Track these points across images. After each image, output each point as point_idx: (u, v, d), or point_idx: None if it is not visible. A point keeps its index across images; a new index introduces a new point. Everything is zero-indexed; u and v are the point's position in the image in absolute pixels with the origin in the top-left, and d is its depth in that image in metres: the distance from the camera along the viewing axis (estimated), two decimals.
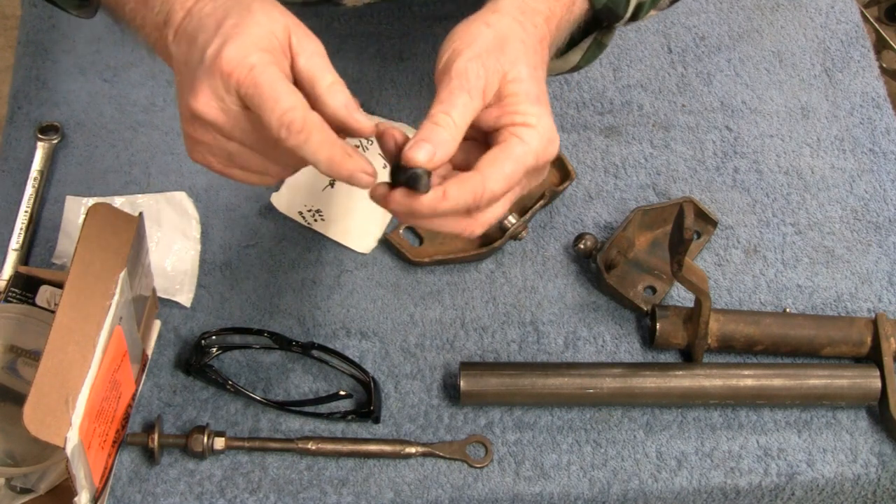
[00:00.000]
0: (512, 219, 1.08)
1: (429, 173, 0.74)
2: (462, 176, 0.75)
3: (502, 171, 0.76)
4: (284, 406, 1.00)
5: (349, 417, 1.00)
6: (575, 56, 0.96)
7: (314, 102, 0.75)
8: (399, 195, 0.74)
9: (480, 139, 0.80)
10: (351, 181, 0.74)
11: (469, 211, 0.76)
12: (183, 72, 0.76)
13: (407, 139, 0.76)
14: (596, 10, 0.89)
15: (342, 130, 0.76)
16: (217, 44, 0.73)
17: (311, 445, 0.98)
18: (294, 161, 0.76)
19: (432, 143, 0.73)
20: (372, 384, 1.00)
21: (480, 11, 0.82)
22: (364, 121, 0.76)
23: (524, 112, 0.77)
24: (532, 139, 0.77)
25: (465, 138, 0.77)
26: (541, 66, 0.82)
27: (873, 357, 1.05)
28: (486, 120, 0.78)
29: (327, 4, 1.14)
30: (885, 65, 2.13)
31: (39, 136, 1.15)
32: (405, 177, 0.74)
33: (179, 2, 0.78)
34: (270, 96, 0.72)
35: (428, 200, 0.74)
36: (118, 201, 1.10)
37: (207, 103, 0.73)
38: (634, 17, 0.95)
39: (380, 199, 0.76)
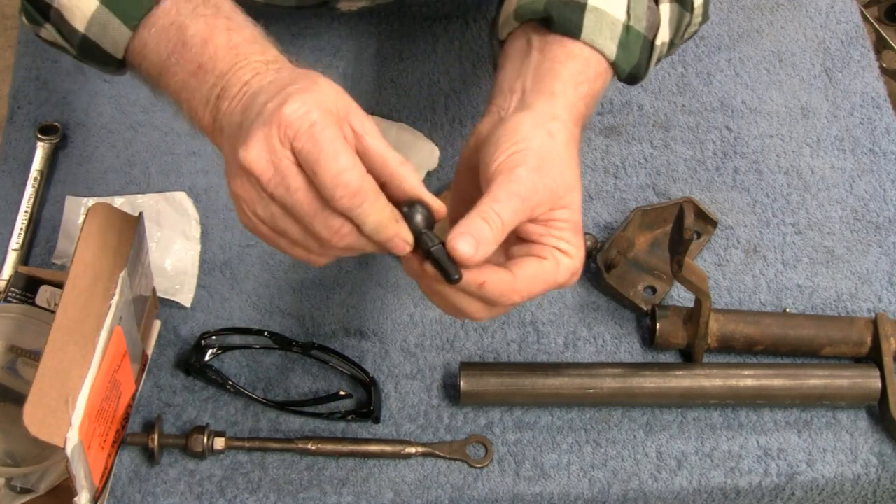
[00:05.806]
0: None
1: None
2: (500, 273, 0.77)
3: (531, 288, 0.78)
4: (284, 406, 1.00)
5: (349, 417, 1.00)
6: None
7: (385, 180, 0.74)
8: (433, 282, 0.77)
9: (512, 236, 0.80)
10: (388, 244, 0.74)
11: (486, 301, 0.78)
12: (236, 135, 0.74)
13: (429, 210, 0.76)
14: (620, 79, 0.90)
15: None
16: (279, 100, 0.71)
17: (311, 445, 0.98)
18: (329, 234, 0.73)
19: (475, 239, 0.74)
20: (372, 384, 1.00)
21: (539, 112, 0.82)
22: (435, 200, 0.77)
23: (568, 241, 0.80)
24: (566, 270, 0.80)
25: None
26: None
27: (873, 357, 1.05)
28: (530, 233, 0.80)
29: (321, 8, 1.14)
30: (885, 65, 2.13)
31: (39, 136, 1.15)
32: (439, 258, 0.75)
33: (237, 76, 0.77)
34: (329, 153, 0.70)
35: (464, 284, 0.75)
36: (118, 201, 1.10)
37: (259, 154, 0.70)
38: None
39: (413, 275, 0.78)
